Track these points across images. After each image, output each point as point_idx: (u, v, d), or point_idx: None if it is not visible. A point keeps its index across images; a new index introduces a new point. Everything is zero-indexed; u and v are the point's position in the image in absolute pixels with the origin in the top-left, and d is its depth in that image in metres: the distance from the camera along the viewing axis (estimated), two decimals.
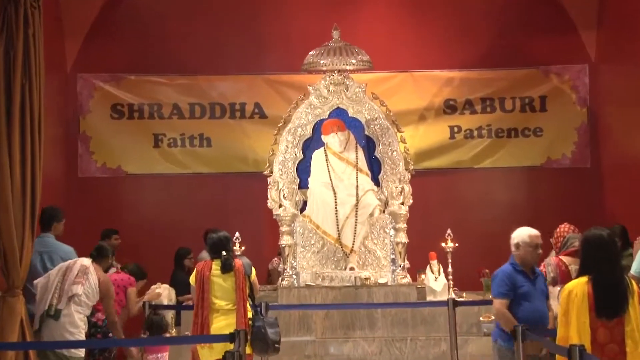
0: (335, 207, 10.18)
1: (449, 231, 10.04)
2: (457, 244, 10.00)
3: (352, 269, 10.03)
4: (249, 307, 7.60)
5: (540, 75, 12.70)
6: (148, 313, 8.90)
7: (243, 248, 10.11)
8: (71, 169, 12.32)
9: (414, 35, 12.68)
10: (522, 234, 6.88)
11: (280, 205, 10.26)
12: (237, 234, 10.13)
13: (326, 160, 10.41)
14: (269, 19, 12.62)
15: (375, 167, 10.50)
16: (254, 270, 7.83)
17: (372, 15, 12.70)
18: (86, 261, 7.75)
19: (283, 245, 10.14)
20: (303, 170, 10.50)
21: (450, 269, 9.94)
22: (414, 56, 12.62)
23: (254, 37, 12.61)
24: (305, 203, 10.41)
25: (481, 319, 9.53)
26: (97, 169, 12.43)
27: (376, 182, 10.42)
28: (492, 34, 12.63)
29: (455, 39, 12.60)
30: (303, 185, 10.45)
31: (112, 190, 12.40)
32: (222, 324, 7.49)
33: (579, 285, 5.64)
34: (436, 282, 9.92)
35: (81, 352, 7.48)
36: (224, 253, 7.64)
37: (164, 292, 9.63)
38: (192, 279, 7.76)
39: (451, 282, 9.98)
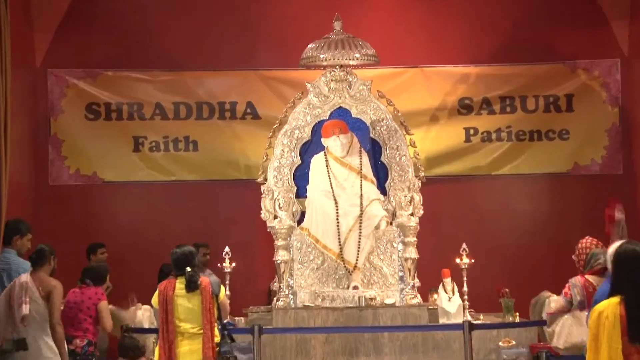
0: (337, 219, 10.17)
1: (464, 246, 10.02)
2: (473, 260, 9.99)
3: (355, 287, 10.01)
4: (216, 332, 7.58)
5: (566, 71, 12.70)
6: (121, 337, 8.90)
7: (234, 265, 10.10)
8: (41, 176, 12.30)
9: (425, 26, 12.68)
10: None
11: (275, 217, 10.25)
12: (226, 249, 10.13)
13: (327, 166, 10.41)
14: (263, 9, 12.62)
15: (381, 174, 10.49)
16: (222, 289, 7.83)
17: (378, 4, 12.70)
18: (23, 277, 7.74)
19: (278, 262, 10.14)
20: (301, 178, 10.49)
21: (465, 288, 9.93)
22: (425, 50, 12.62)
23: (246, 28, 12.60)
24: (303, 214, 10.40)
25: (500, 344, 9.51)
26: (70, 176, 12.41)
27: (382, 190, 10.41)
28: (512, 24, 12.63)
29: (471, 30, 12.60)
30: (301, 194, 10.45)
31: (86, 200, 12.37)
32: (185, 349, 7.50)
33: (610, 306, 5.62)
34: (450, 302, 9.90)
35: None
36: (188, 269, 7.60)
37: (145, 314, 9.61)
38: (154, 300, 7.75)
39: (467, 303, 9.97)
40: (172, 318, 7.53)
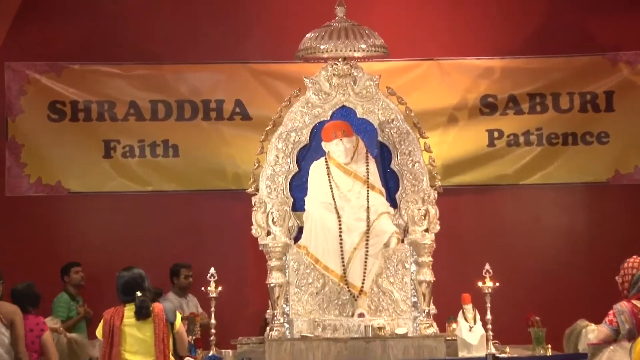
0: (340, 235, 10.16)
1: (487, 267, 10.01)
2: (498, 284, 9.98)
3: (361, 315, 10.00)
4: None
5: (606, 64, 12.72)
6: None
7: (220, 289, 10.09)
8: None
9: (441, 12, 12.71)
10: None
11: (269, 233, 10.24)
12: (212, 271, 10.11)
13: (328, 174, 10.40)
14: None
15: (391, 183, 10.48)
16: (179, 317, 7.85)
17: None
18: None
19: (272, 285, 10.11)
20: (298, 188, 10.48)
21: (489, 316, 9.91)
22: (442, 39, 12.64)
23: (234, 15, 12.62)
24: (300, 230, 10.39)
25: None
26: (30, 186, 12.42)
27: (393, 202, 10.40)
28: (543, 10, 12.65)
29: (495, 17, 12.63)
30: (298, 206, 10.43)
31: (49, 214, 12.39)
32: None
33: None
34: (471, 332, 9.89)
35: None
36: (138, 294, 7.65)
37: None
38: (99, 332, 7.77)
39: (490, 333, 9.96)
40: (118, 351, 7.55)
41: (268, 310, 10.27)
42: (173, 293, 11.51)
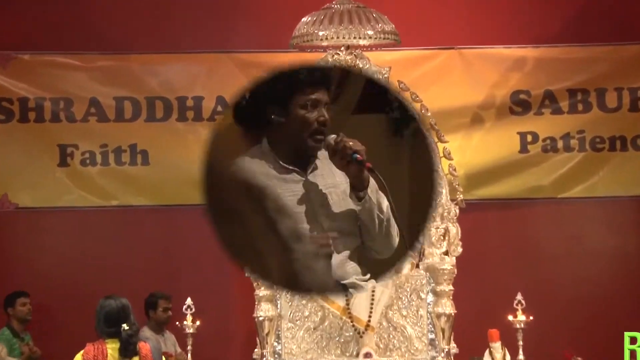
0: None
1: (519, 297, 10.00)
2: (531, 317, 9.96)
3: (368, 355, 9.97)
4: None
5: None
6: None
7: (198, 323, 10.06)
8: None
9: None
10: None
11: None
12: (188, 301, 10.10)
13: None
14: None
15: None
16: (163, 359, 7.92)
17: None
18: None
19: (261, 319, 10.08)
20: None
21: (521, 356, 9.91)
22: (465, 25, 12.63)
23: None
24: None
25: None
26: None
27: None
28: None
29: None
30: None
31: None
32: None
33: None
34: None
35: None
36: (125, 327, 7.76)
37: None
38: None
39: None
40: None
41: (256, 349, 10.25)
42: (149, 329, 11.41)
